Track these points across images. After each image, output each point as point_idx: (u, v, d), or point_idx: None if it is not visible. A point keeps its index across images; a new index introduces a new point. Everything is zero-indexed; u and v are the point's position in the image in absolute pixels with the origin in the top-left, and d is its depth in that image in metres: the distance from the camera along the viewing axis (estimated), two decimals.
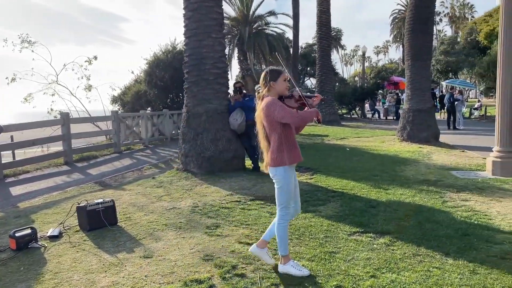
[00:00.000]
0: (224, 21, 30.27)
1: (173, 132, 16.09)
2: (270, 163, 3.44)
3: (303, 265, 3.62)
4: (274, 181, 3.51)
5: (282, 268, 3.50)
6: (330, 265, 3.64)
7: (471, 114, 25.17)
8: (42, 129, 12.02)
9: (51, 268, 3.84)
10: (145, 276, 3.58)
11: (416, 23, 12.05)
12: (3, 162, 8.91)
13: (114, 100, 18.97)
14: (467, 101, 38.93)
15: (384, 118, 27.71)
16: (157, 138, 15.33)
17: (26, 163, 9.57)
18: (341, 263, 3.67)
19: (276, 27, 31.94)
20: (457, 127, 17.62)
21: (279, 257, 3.58)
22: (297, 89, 3.58)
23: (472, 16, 64.28)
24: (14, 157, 13.45)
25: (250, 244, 4.15)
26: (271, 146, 3.43)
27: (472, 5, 71.09)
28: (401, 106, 23.25)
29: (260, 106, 3.44)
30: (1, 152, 8.86)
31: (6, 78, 14.59)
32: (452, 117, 17.88)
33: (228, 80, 8.37)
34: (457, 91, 20.57)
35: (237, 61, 30.46)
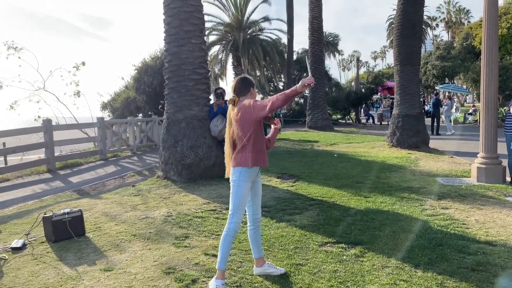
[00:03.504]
0: (218, 27, 30.36)
1: None
2: (232, 163, 3.39)
3: (266, 278, 3.48)
4: (231, 184, 3.43)
5: (212, 284, 3.28)
6: (294, 278, 3.50)
7: (465, 119, 25.08)
8: (28, 137, 11.90)
9: (6, 282, 3.69)
10: None
11: (404, 29, 11.98)
12: None
13: (104, 106, 18.84)
14: (462, 106, 38.96)
15: (379, 123, 27.62)
16: (146, 144, 15.19)
17: (6, 171, 9.41)
18: (306, 276, 3.53)
19: (270, 32, 32.00)
20: (439, 133, 17.44)
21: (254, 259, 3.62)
22: None
23: (468, 21, 64.45)
24: (6, 163, 13.35)
25: (216, 256, 4.01)
26: (237, 148, 3.37)
27: (468, 10, 71.30)
28: None
29: (236, 109, 3.35)
30: None
31: None
32: (436, 122, 17.73)
33: (209, 86, 8.25)
34: (445, 97, 20.45)
35: (231, 66, 30.42)
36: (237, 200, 3.35)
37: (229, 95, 8.16)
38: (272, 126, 3.65)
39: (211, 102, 8.24)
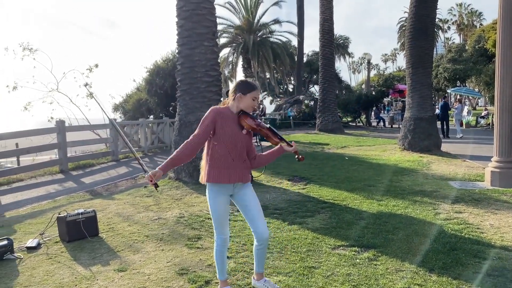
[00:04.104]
0: (229, 29, 30.47)
1: None
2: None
3: (279, 280, 3.48)
4: None
5: None
6: (307, 281, 3.49)
7: (477, 122, 24.82)
8: (41, 138, 12.05)
9: (21, 281, 3.73)
10: None
11: (416, 31, 11.90)
12: None
13: (116, 108, 19.00)
14: (474, 109, 38.56)
15: (390, 126, 27.45)
16: (157, 146, 15.27)
17: (20, 171, 9.53)
18: (319, 279, 3.52)
19: (280, 35, 32.06)
20: (449, 136, 17.32)
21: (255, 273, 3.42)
22: (263, 123, 3.16)
23: (481, 24, 63.76)
24: (18, 163, 13.53)
25: (228, 258, 4.03)
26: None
27: (480, 13, 70.53)
28: None
29: None
30: None
31: (7, 86, 14.66)
32: (445, 125, 17.63)
33: (221, 88, 8.28)
34: (456, 100, 20.29)
35: (241, 69, 30.52)
36: (212, 216, 3.13)
37: None
38: (281, 144, 3.16)
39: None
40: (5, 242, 4.35)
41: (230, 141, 2.97)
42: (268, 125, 3.18)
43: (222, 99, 8.35)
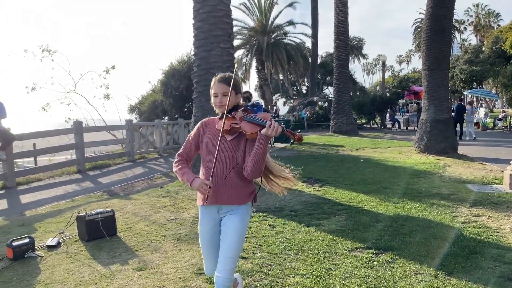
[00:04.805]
0: (243, 31, 30.56)
1: None
2: None
3: (296, 282, 3.49)
4: None
5: None
6: (325, 283, 3.49)
7: (495, 125, 24.44)
8: (58, 138, 12.27)
9: (43, 278, 3.81)
10: None
11: (433, 33, 11.78)
12: (16, 170, 9.05)
13: (131, 109, 19.23)
14: (491, 111, 37.95)
15: (405, 128, 27.19)
16: (172, 147, 15.40)
17: (39, 171, 9.71)
18: (336, 281, 3.51)
19: (295, 36, 32.18)
20: (462, 138, 17.14)
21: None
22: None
23: (498, 25, 62.76)
24: (36, 164, 13.78)
25: (245, 258, 4.06)
26: None
27: (498, 14, 69.46)
28: None
29: None
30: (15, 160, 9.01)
31: (26, 87, 14.96)
32: (459, 127, 17.47)
33: None
34: (467, 103, 20.05)
35: (255, 70, 30.56)
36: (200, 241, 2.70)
37: (254, 99, 8.12)
38: (265, 130, 2.35)
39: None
40: (26, 240, 4.45)
41: (208, 153, 2.48)
42: (257, 117, 2.46)
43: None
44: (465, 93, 35.24)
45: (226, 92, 2.48)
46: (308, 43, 32.93)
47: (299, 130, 2.44)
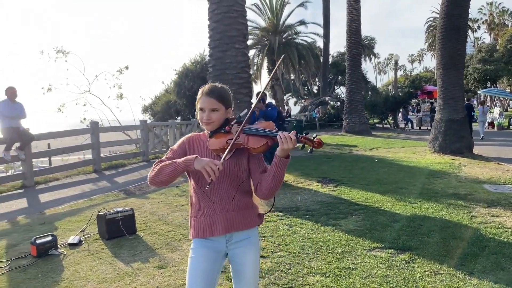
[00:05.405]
0: (254, 31, 30.59)
1: None
2: None
3: (317, 281, 3.51)
4: None
5: None
6: (345, 282, 3.51)
7: (510, 124, 24.12)
8: (74, 138, 12.45)
9: (67, 275, 3.90)
10: (157, 287, 3.57)
11: (448, 32, 11.69)
12: (34, 169, 9.21)
13: (145, 109, 19.41)
14: (506, 111, 37.45)
15: (418, 128, 26.98)
16: None
17: (56, 170, 9.88)
18: (357, 280, 3.54)
19: (306, 36, 32.06)
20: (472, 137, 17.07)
21: None
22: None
23: None
24: (50, 164, 14.01)
25: (264, 257, 4.10)
26: None
27: None
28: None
29: None
30: (33, 160, 9.17)
31: (42, 88, 15.20)
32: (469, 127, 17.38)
33: (251, 89, 8.37)
34: (479, 102, 19.94)
35: (266, 70, 30.54)
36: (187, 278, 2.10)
37: (268, 99, 8.15)
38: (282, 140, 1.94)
39: (253, 105, 8.35)
40: (49, 238, 4.55)
41: (202, 174, 1.94)
42: (257, 126, 2.15)
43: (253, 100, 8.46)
44: (479, 92, 34.86)
45: (215, 108, 2.10)
46: (319, 43, 32.85)
47: (315, 135, 2.09)
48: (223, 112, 2.15)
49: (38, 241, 4.42)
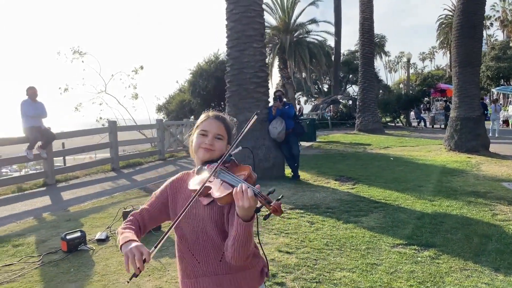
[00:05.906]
0: (266, 30, 30.62)
1: None
2: None
3: (344, 276, 3.58)
4: None
5: None
6: (372, 277, 3.57)
7: None
8: (90, 137, 12.64)
9: (99, 270, 4.01)
10: None
11: (464, 29, 11.64)
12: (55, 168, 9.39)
13: (159, 108, 19.60)
14: None
15: (431, 126, 26.81)
16: None
17: (76, 169, 10.05)
18: (383, 276, 3.59)
19: (317, 34, 31.81)
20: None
21: None
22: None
23: None
24: (64, 163, 14.23)
25: (289, 253, 4.17)
26: None
27: None
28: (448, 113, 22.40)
29: None
30: (54, 158, 9.35)
31: (59, 88, 15.45)
32: None
33: (268, 89, 8.44)
34: (492, 101, 19.79)
35: (278, 69, 30.58)
36: None
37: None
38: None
39: (270, 104, 8.44)
40: (78, 234, 4.67)
41: (185, 226, 1.69)
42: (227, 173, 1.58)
43: (270, 99, 8.54)
44: (492, 90, 34.49)
45: (221, 136, 1.73)
46: (331, 41, 32.79)
47: (281, 196, 1.50)
48: (225, 145, 1.74)
49: (68, 237, 4.54)
